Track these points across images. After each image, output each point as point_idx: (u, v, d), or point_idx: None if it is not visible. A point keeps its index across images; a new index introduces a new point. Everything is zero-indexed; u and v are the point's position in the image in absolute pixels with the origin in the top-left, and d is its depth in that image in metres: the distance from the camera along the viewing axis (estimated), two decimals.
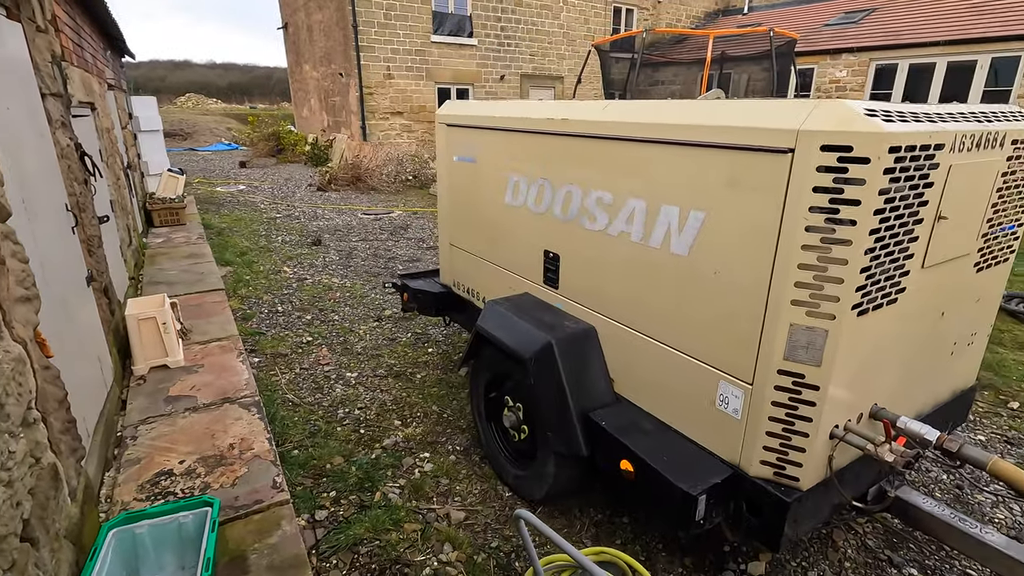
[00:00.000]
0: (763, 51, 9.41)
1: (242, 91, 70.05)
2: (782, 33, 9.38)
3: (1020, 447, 3.00)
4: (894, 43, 12.30)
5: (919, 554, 2.28)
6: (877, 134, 1.38)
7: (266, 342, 4.23)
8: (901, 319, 1.74)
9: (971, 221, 1.83)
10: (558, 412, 2.19)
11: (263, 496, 2.41)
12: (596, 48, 11.79)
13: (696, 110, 1.80)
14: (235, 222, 8.27)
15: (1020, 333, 4.37)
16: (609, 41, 12.33)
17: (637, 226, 2.02)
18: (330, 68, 15.15)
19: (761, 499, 1.74)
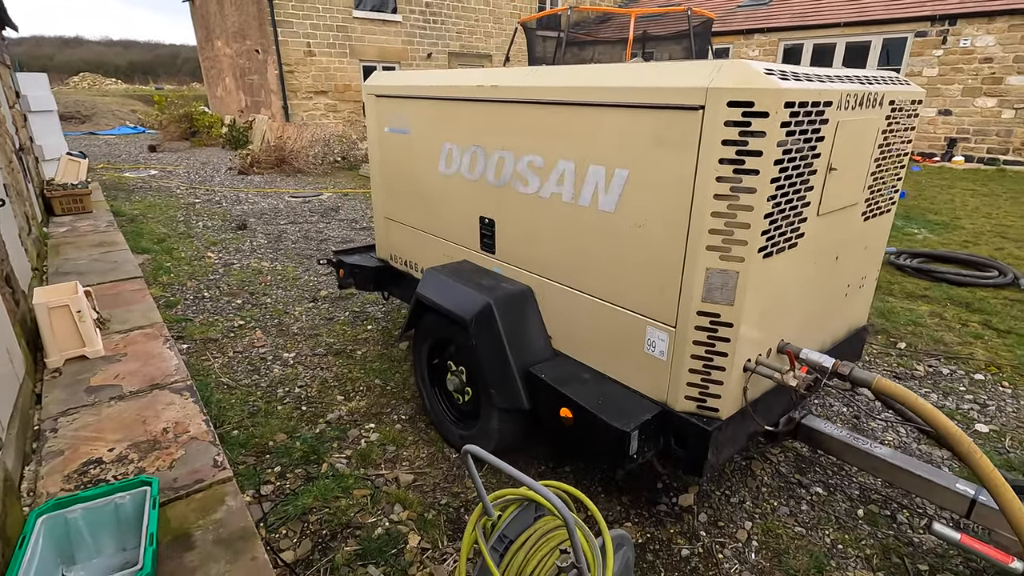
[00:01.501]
0: (682, 30, 9.77)
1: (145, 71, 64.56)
2: (699, 13, 9.76)
3: (905, 380, 3.41)
4: (799, 24, 13.09)
5: (824, 475, 2.57)
6: (775, 90, 1.53)
7: (194, 328, 4.06)
8: (801, 262, 1.94)
9: (857, 173, 2.06)
10: (500, 369, 2.28)
11: (204, 475, 2.36)
12: (523, 26, 11.80)
13: (616, 73, 1.90)
14: (149, 208, 7.75)
15: (908, 284, 4.89)
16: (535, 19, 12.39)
17: (567, 187, 2.12)
18: (245, 44, 14.30)
19: (686, 431, 1.91)
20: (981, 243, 6.12)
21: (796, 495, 2.44)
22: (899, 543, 2.19)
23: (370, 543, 2.14)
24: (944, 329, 4.04)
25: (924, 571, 2.06)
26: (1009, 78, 11.07)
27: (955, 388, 3.31)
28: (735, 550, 2.14)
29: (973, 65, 11.40)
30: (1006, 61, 11.03)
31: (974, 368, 3.52)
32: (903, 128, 2.25)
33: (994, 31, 11.02)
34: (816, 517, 2.32)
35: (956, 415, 3.04)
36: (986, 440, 2.83)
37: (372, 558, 2.08)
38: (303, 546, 2.14)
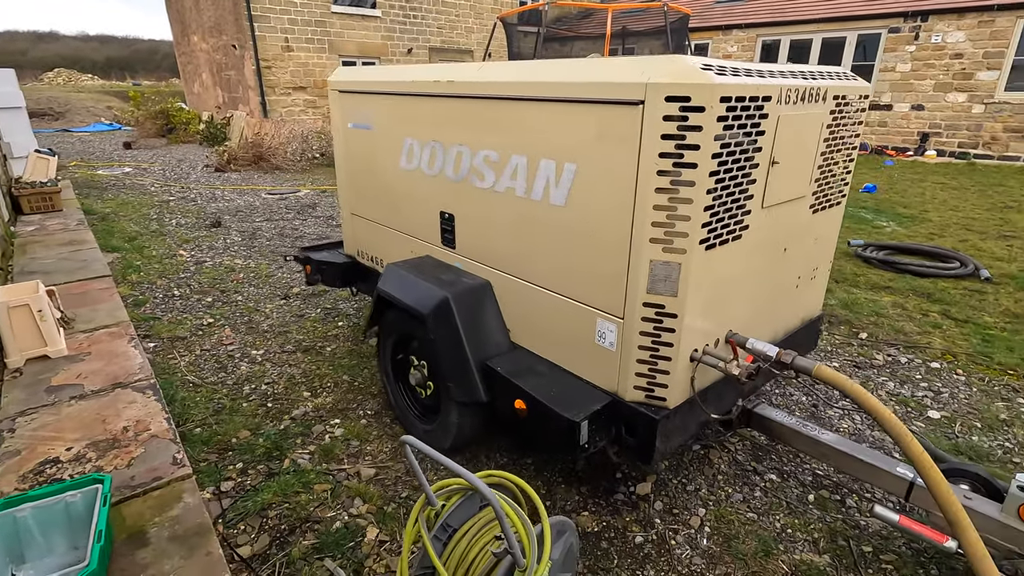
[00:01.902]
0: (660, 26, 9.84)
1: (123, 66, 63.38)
2: (676, 9, 9.83)
3: (864, 369, 3.49)
4: (777, 20, 13.22)
5: (779, 463, 2.63)
6: (710, 85, 1.57)
7: (162, 326, 4.02)
8: (747, 254, 1.99)
9: (803, 167, 2.10)
10: (458, 363, 2.30)
11: (162, 473, 2.36)
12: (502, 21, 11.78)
13: (564, 69, 1.93)
14: (121, 206, 7.64)
15: (873, 276, 5.00)
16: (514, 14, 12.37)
17: (520, 181, 2.14)
18: (221, 39, 14.12)
19: (636, 420, 1.95)
20: (947, 235, 6.26)
21: (751, 482, 2.49)
22: (846, 526, 2.25)
23: (328, 536, 2.15)
24: (905, 319, 4.14)
25: (868, 552, 2.13)
26: (979, 73, 11.29)
27: (911, 376, 3.40)
28: (687, 536, 2.19)
29: (944, 61, 11.61)
30: (976, 57, 11.25)
31: (931, 357, 3.62)
32: (850, 122, 2.30)
33: (964, 27, 11.23)
34: (768, 503, 2.37)
35: (910, 402, 3.12)
36: (937, 426, 2.92)
37: (329, 551, 2.09)
38: (261, 541, 2.15)
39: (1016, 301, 4.38)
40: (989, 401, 3.13)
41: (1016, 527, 1.78)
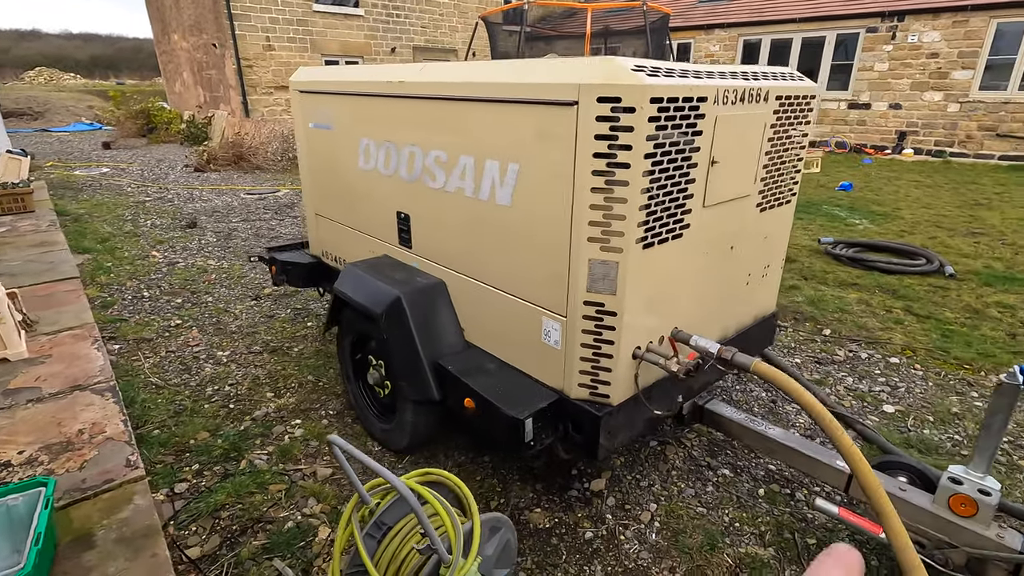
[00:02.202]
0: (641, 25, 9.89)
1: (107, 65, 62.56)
2: (656, 8, 9.88)
3: (826, 364, 3.54)
4: (758, 20, 13.32)
5: (733, 458, 2.66)
6: (639, 86, 1.59)
7: (128, 328, 4.00)
8: (690, 252, 2.01)
9: (746, 166, 2.13)
10: (411, 362, 2.32)
11: (115, 475, 2.35)
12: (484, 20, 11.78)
13: (505, 69, 1.94)
14: (96, 207, 7.57)
15: (841, 273, 5.07)
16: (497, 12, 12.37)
17: (468, 181, 2.15)
18: (202, 38, 14.00)
19: (581, 417, 1.97)
20: (917, 232, 6.36)
21: (703, 477, 2.53)
22: (793, 519, 2.29)
23: (279, 536, 2.16)
24: (869, 315, 4.20)
25: (812, 544, 2.17)
26: (954, 73, 11.46)
27: (871, 371, 3.45)
28: (637, 531, 2.22)
29: (920, 60, 11.77)
30: (951, 56, 11.42)
31: (891, 352, 3.68)
32: (797, 122, 2.33)
33: (939, 27, 11.39)
34: (719, 497, 2.41)
35: (867, 397, 3.17)
36: (891, 420, 2.97)
37: (279, 551, 2.10)
38: (211, 542, 2.15)
39: (977, 297, 4.46)
40: (943, 395, 3.19)
41: (946, 517, 1.82)
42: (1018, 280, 4.79)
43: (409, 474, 1.65)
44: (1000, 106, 11.10)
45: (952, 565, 1.82)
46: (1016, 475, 2.56)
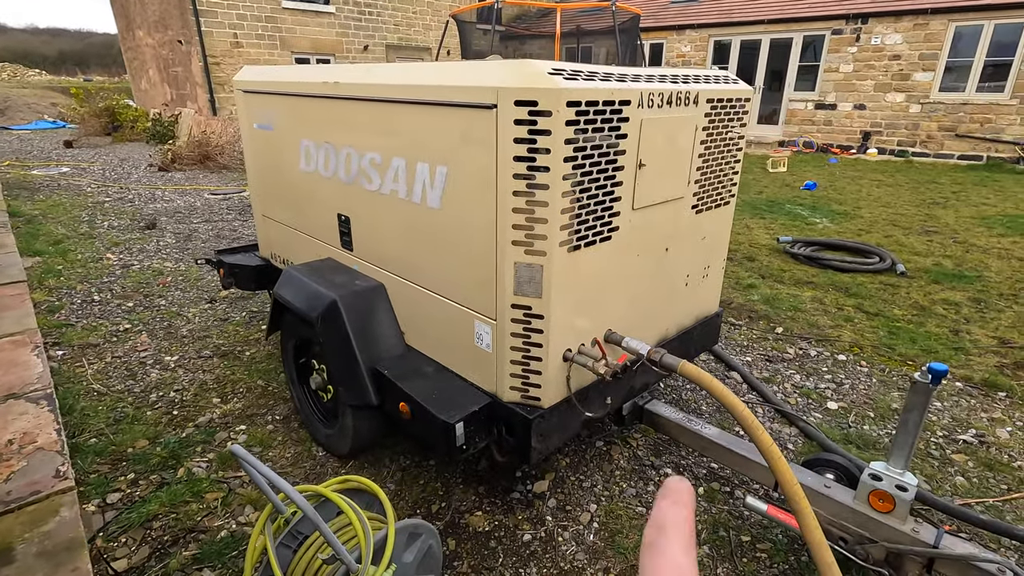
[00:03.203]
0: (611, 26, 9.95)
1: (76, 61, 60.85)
2: (626, 9, 9.96)
3: (775, 362, 3.60)
4: (727, 21, 13.49)
5: (677, 457, 2.69)
6: (555, 90, 1.59)
7: (74, 333, 3.89)
8: (620, 254, 2.02)
9: (677, 169, 2.15)
10: (348, 366, 2.29)
11: (42, 487, 2.29)
12: (455, 19, 11.75)
13: (431, 72, 1.93)
14: (52, 208, 7.35)
15: (798, 272, 5.16)
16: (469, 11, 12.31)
17: (401, 184, 2.14)
18: (167, 35, 13.70)
19: (513, 420, 1.97)
20: (874, 231, 6.50)
21: (646, 476, 2.55)
22: (730, 517, 2.32)
23: (211, 546, 2.12)
24: (821, 313, 4.29)
25: (746, 541, 2.20)
26: (915, 74, 11.75)
27: (818, 369, 3.52)
28: (575, 532, 2.23)
29: (884, 62, 12.04)
30: (912, 58, 11.70)
31: (839, 349, 3.75)
32: (731, 125, 2.36)
33: (901, 29, 11.67)
34: None
35: (812, 394, 3.23)
36: (834, 417, 3.03)
37: (209, 561, 2.06)
38: (140, 553, 2.10)
39: (925, 294, 4.58)
40: (886, 391, 3.26)
41: (867, 513, 1.86)
42: (965, 278, 4.93)
43: (328, 482, 1.63)
44: (959, 107, 11.41)
45: (872, 560, 1.86)
46: (948, 468, 2.63)
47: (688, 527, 0.32)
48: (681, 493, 0.33)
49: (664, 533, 0.31)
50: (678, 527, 0.32)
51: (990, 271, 5.12)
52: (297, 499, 1.25)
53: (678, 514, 0.32)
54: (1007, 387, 3.26)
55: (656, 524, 0.32)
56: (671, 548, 0.31)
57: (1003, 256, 5.56)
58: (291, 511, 1.54)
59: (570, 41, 11.43)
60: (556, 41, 9.63)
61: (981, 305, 4.39)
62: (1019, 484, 2.52)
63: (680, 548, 0.31)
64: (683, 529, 0.32)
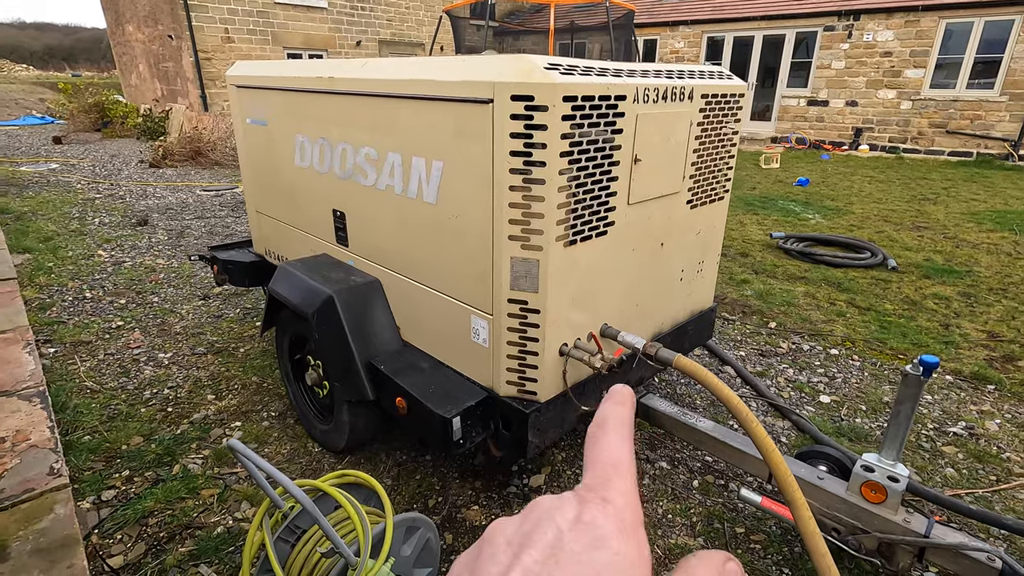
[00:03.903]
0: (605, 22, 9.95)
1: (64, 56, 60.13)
2: (620, 4, 9.95)
3: (769, 357, 3.63)
4: (721, 17, 13.51)
5: (671, 451, 2.71)
6: (551, 85, 1.59)
7: (66, 330, 3.86)
8: (616, 249, 2.03)
9: (672, 164, 2.16)
10: (344, 361, 2.29)
11: (36, 484, 2.27)
12: (448, 14, 11.71)
13: (428, 66, 1.93)
14: (41, 205, 7.28)
15: (791, 267, 5.19)
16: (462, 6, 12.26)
17: (397, 179, 2.13)
18: (157, 29, 13.56)
19: (510, 415, 1.98)
20: (866, 227, 6.55)
21: (641, 470, 2.57)
22: (725, 509, 2.34)
23: (207, 542, 2.12)
24: (814, 308, 4.32)
25: (741, 533, 2.22)
26: (906, 71, 11.82)
27: (811, 363, 3.55)
28: None
29: (875, 59, 12.11)
30: (903, 55, 11.77)
31: (832, 344, 3.79)
32: (725, 120, 2.37)
33: (892, 26, 11.73)
34: (655, 490, 2.45)
35: (805, 388, 3.26)
36: (826, 410, 3.06)
37: (206, 557, 2.06)
38: (136, 550, 2.10)
39: (916, 289, 4.63)
40: (877, 385, 3.30)
41: (859, 504, 1.89)
42: (955, 272, 4.98)
43: (325, 476, 1.63)
44: (949, 103, 11.50)
45: (864, 550, 1.89)
46: (938, 460, 2.66)
47: (627, 422, 0.34)
48: (623, 396, 0.36)
49: (605, 428, 0.34)
50: (617, 420, 0.34)
51: (979, 266, 5.18)
52: (295, 492, 1.25)
53: (618, 411, 0.34)
54: (996, 380, 3.31)
55: (597, 421, 0.34)
56: (609, 439, 0.33)
57: (992, 251, 5.62)
58: (289, 505, 1.54)
59: (564, 37, 11.42)
60: (550, 37, 9.63)
61: (970, 300, 4.44)
62: (1008, 475, 2.56)
63: (617, 439, 0.33)
64: (621, 423, 0.34)
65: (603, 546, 0.27)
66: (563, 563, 0.26)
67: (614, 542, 0.27)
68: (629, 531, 0.28)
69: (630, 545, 0.28)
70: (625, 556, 0.27)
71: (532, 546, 0.28)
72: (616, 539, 0.28)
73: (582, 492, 0.30)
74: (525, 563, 0.27)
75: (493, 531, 0.30)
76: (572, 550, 0.27)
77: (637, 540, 0.28)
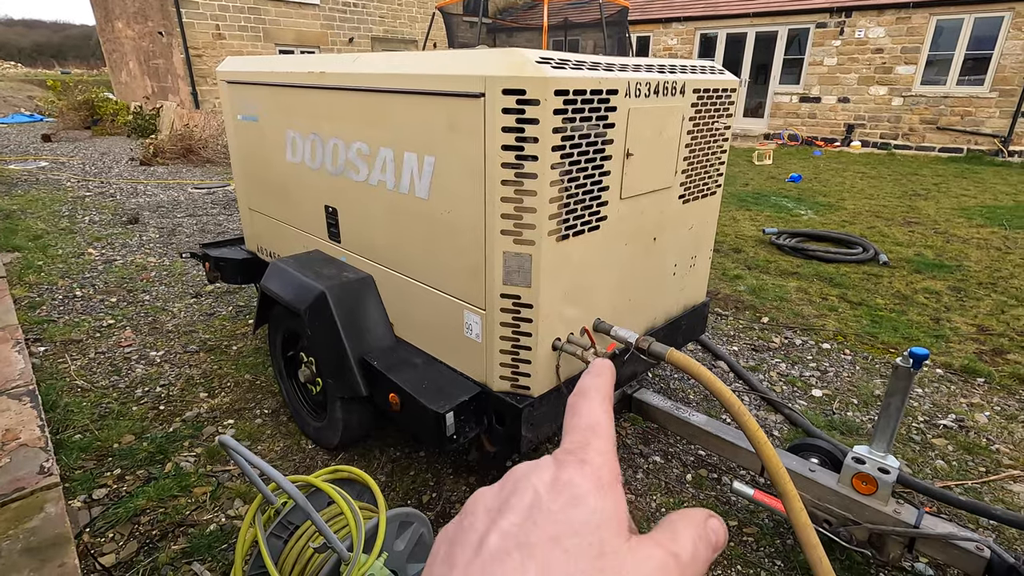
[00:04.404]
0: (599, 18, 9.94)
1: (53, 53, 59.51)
2: (613, 1, 9.94)
3: (761, 351, 3.65)
4: (714, 14, 13.52)
5: (665, 445, 2.72)
6: (543, 78, 1.59)
7: (56, 329, 3.83)
8: (609, 244, 2.03)
9: (665, 158, 2.16)
10: (336, 358, 2.28)
11: (26, 483, 2.26)
12: (441, 11, 11.65)
13: (419, 61, 1.92)
14: (30, 203, 7.20)
15: (784, 263, 5.22)
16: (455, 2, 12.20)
17: (389, 174, 2.13)
18: (147, 26, 13.43)
19: (503, 409, 1.98)
20: (858, 222, 6.59)
21: (635, 464, 2.58)
22: (718, 502, 2.36)
23: (200, 540, 2.11)
24: (806, 303, 4.35)
25: (734, 526, 2.23)
26: (898, 67, 11.88)
27: (803, 357, 3.57)
28: None
29: (867, 55, 12.17)
30: (895, 52, 11.83)
31: (824, 338, 3.81)
32: (717, 115, 2.38)
33: (884, 23, 11.79)
34: (649, 484, 2.46)
35: (798, 382, 3.28)
36: (818, 404, 3.08)
37: (199, 555, 2.05)
38: (128, 548, 2.09)
39: (907, 284, 4.66)
40: (868, 378, 3.32)
41: (850, 496, 1.90)
42: (946, 267, 5.02)
43: (318, 472, 1.63)
44: (940, 100, 11.58)
45: (856, 541, 1.90)
46: (928, 452, 2.69)
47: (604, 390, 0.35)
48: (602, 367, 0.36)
49: (585, 396, 0.34)
50: (597, 390, 0.34)
51: (969, 260, 5.22)
52: (287, 487, 1.25)
53: (596, 381, 0.35)
54: (985, 373, 3.34)
55: (577, 391, 0.35)
56: (589, 406, 0.33)
57: (982, 246, 5.66)
58: (281, 501, 1.53)
59: (557, 34, 11.40)
60: (543, 33, 9.61)
61: (961, 294, 4.48)
62: (997, 466, 2.58)
63: (596, 404, 0.33)
64: (601, 392, 0.34)
65: (580, 504, 0.28)
66: (540, 523, 0.27)
67: (591, 499, 0.28)
68: (606, 488, 0.29)
69: (607, 501, 0.28)
70: (602, 512, 0.27)
71: (510, 510, 0.28)
72: (593, 496, 0.28)
73: (560, 455, 0.31)
74: (502, 526, 0.27)
75: (474, 501, 0.30)
76: (549, 509, 0.27)
77: (614, 496, 0.29)
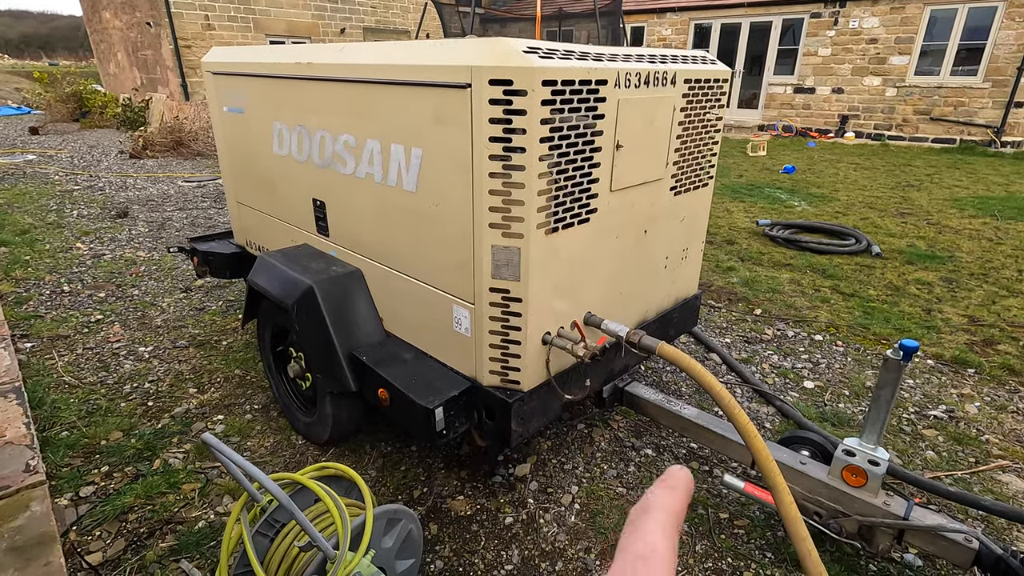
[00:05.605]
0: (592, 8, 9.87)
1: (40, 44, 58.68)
2: None
3: (754, 343, 3.65)
4: (707, 4, 13.44)
5: (657, 438, 2.72)
6: (530, 68, 1.56)
7: (43, 325, 3.78)
8: (599, 236, 2.01)
9: (656, 150, 2.14)
10: (325, 353, 2.26)
11: (11, 482, 2.23)
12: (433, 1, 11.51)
13: (404, 51, 1.88)
14: (17, 197, 7.11)
15: (777, 255, 5.21)
16: None
17: (376, 167, 2.09)
18: (135, 16, 13.24)
19: (493, 404, 1.97)
20: (851, 213, 6.59)
21: (627, 458, 2.57)
22: (709, 495, 2.36)
23: (188, 537, 2.09)
24: (799, 295, 4.35)
25: (724, 519, 2.24)
26: (891, 58, 11.87)
27: (795, 349, 3.58)
28: (557, 514, 2.24)
29: (861, 46, 12.14)
30: (888, 42, 11.81)
31: (816, 330, 3.81)
32: (709, 106, 2.35)
33: (878, 13, 11.75)
34: (640, 477, 2.46)
35: (790, 374, 3.29)
36: (810, 395, 3.09)
37: (187, 552, 2.03)
38: (115, 546, 2.07)
39: (900, 275, 4.67)
40: (860, 370, 3.33)
41: (840, 488, 1.90)
42: (938, 258, 5.03)
43: (305, 469, 1.61)
44: (934, 90, 11.58)
45: (845, 533, 1.91)
46: (919, 443, 2.70)
47: (674, 511, 0.31)
48: (677, 479, 0.33)
49: (647, 514, 0.31)
50: (663, 509, 0.31)
51: (961, 251, 5.24)
52: (269, 486, 1.23)
53: (668, 498, 0.32)
54: (976, 364, 3.35)
55: (643, 505, 0.32)
56: (649, 527, 0.30)
57: (974, 237, 5.68)
58: (267, 499, 1.52)
59: (551, 24, 11.31)
60: (537, 23, 9.52)
61: (952, 285, 4.49)
62: (986, 457, 2.60)
63: (659, 528, 0.30)
64: (668, 512, 0.31)
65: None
66: None
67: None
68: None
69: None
70: None
71: None
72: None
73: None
74: None
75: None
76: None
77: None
